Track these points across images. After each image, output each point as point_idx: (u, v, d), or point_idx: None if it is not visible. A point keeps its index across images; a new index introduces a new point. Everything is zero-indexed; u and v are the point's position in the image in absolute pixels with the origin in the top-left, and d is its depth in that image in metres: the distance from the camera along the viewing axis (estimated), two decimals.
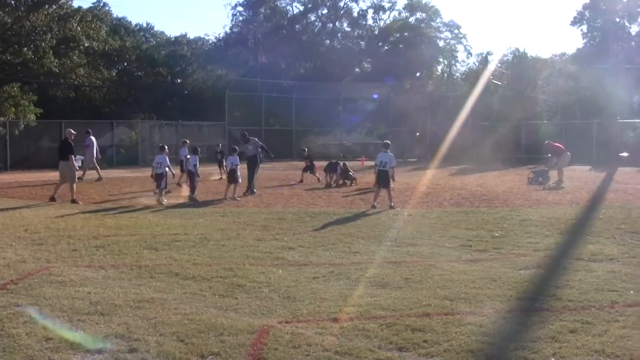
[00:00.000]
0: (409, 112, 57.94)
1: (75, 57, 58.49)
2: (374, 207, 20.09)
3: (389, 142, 22.25)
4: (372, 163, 28.26)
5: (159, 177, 22.66)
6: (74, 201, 22.25)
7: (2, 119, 48.67)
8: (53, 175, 31.71)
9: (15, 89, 53.46)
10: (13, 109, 51.71)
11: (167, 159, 23.05)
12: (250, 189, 24.64)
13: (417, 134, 55.34)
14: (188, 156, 25.10)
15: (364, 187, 27.00)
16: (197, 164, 23.14)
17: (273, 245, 13.31)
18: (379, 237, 14.50)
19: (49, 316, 8.12)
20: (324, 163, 30.44)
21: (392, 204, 20.21)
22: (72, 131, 24.28)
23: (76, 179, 23.49)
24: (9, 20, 52.50)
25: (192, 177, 23.12)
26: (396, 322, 7.85)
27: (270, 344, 7.13)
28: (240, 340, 7.23)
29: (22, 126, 48.58)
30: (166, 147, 23.97)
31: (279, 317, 8.19)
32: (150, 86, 73.60)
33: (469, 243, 13.56)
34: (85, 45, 58.85)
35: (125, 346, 7.06)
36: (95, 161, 32.94)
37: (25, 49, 53.26)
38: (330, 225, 16.49)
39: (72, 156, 23.14)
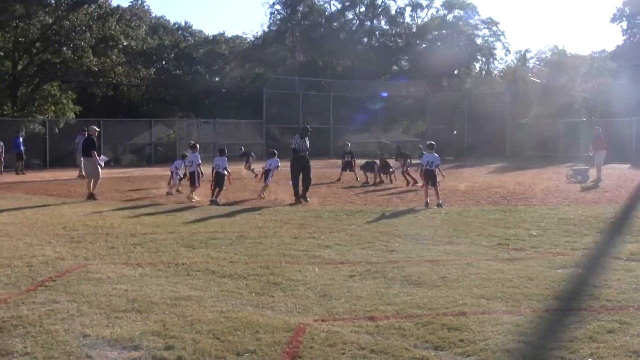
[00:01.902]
0: (447, 110, 57.85)
1: (114, 56, 59.08)
2: (427, 204, 20.10)
3: (433, 142, 22.14)
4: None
5: (192, 176, 22.88)
6: (91, 196, 22.63)
7: (42, 117, 49.28)
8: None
9: (55, 87, 54.18)
10: (53, 108, 52.42)
11: (199, 157, 23.24)
12: (303, 196, 21.84)
13: (455, 132, 55.18)
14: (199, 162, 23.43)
15: (399, 186, 27.01)
16: (227, 165, 22.68)
17: (309, 244, 13.33)
18: (416, 235, 14.45)
19: (86, 313, 8.20)
20: (363, 161, 30.40)
21: (440, 201, 20.23)
22: (96, 128, 24.92)
23: (100, 176, 23.80)
24: (50, 20, 53.10)
25: (193, 177, 23.06)
26: (432, 321, 7.82)
27: (306, 342, 7.13)
28: (276, 338, 7.24)
29: (62, 124, 49.19)
30: (198, 145, 24.36)
31: (315, 315, 8.18)
32: (188, 84, 73.94)
33: (506, 242, 13.48)
34: (124, 44, 59.41)
35: (161, 343, 7.10)
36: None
37: (65, 48, 53.97)
38: (367, 223, 16.48)
39: (95, 152, 23.64)
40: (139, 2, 74.81)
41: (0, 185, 29.88)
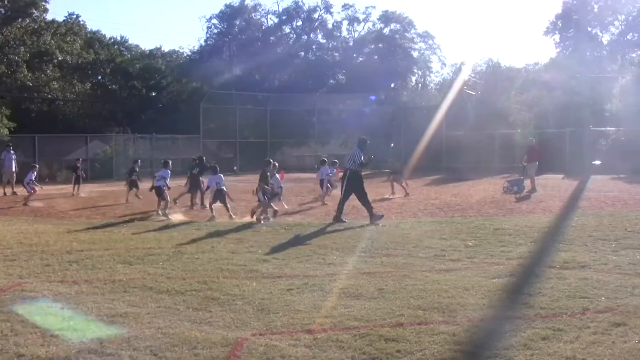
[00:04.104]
0: (384, 123, 58.20)
1: (49, 71, 58.41)
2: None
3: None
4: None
5: (160, 191, 22.70)
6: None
7: None
8: (23, 190, 31.70)
9: None
10: None
11: (169, 174, 23.34)
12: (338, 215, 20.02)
13: (392, 145, 55.48)
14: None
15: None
16: (168, 177, 23.12)
17: (247, 258, 13.30)
18: (353, 248, 14.50)
19: (21, 332, 8.06)
20: (303, 175, 30.45)
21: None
22: None
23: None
24: None
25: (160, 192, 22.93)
26: (370, 333, 7.87)
27: (244, 357, 7.14)
28: (214, 354, 7.22)
29: None
30: (170, 161, 24.53)
31: (253, 329, 8.17)
32: (124, 99, 73.33)
33: (443, 253, 13.62)
34: (59, 58, 58.79)
35: None
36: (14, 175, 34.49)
37: None
38: (305, 237, 16.51)
39: None
40: (74, 16, 73.92)
41: None
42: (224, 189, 21.95)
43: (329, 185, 26.38)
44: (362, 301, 9.49)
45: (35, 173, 29.05)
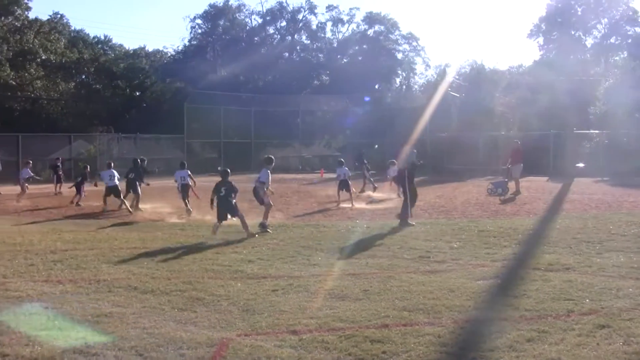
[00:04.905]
0: (368, 124, 58.19)
1: (32, 70, 58.10)
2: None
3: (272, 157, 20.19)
4: (333, 175, 28.51)
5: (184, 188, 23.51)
6: None
7: None
8: (9, 189, 31.57)
9: None
10: None
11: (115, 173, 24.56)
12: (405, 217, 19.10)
13: (376, 146, 55.48)
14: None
15: (330, 200, 27.09)
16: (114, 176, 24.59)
17: (232, 258, 13.29)
18: (338, 249, 14.51)
19: (5, 332, 8.02)
20: (287, 175, 30.41)
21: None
22: None
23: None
24: None
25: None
26: (355, 334, 7.87)
27: (229, 357, 7.14)
28: (199, 354, 7.22)
29: None
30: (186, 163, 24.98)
31: (238, 330, 8.17)
32: (108, 99, 73.08)
33: (428, 254, 13.62)
34: (43, 57, 58.51)
35: None
36: None
37: None
38: (290, 237, 16.47)
39: None
40: (58, 15, 73.64)
41: None
42: (189, 183, 23.33)
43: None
44: (347, 302, 9.49)
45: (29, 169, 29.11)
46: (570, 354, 7.14)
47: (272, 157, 20.08)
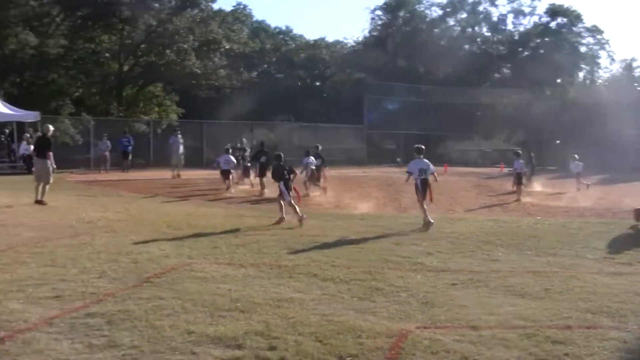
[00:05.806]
0: (549, 119, 56.87)
1: (216, 59, 59.82)
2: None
3: (422, 146, 18.27)
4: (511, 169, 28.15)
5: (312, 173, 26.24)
6: (39, 202, 20.14)
7: (147, 118, 50.40)
8: (193, 174, 32.69)
9: (158, 89, 55.32)
10: (156, 109, 53.53)
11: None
12: None
13: (558, 142, 54.22)
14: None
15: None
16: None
17: (411, 250, 13.28)
18: (519, 245, 14.23)
19: (191, 310, 8.34)
20: (463, 169, 30.17)
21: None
22: (51, 127, 22.07)
23: (51, 180, 21.01)
24: (154, 23, 54.23)
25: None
26: (536, 333, 7.68)
27: (408, 349, 7.09)
28: (378, 344, 7.21)
29: (165, 125, 50.20)
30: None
31: (417, 322, 8.13)
32: (289, 88, 74.39)
33: (612, 255, 13.17)
34: (226, 47, 60.15)
35: (264, 344, 7.15)
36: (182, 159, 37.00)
37: (169, 50, 55.00)
38: (469, 232, 16.29)
39: (51, 154, 21.02)
40: (242, 6, 75.54)
41: (105, 183, 30.67)
42: (229, 167, 27.32)
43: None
44: (528, 300, 9.30)
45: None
46: None
47: (422, 146, 18.29)
